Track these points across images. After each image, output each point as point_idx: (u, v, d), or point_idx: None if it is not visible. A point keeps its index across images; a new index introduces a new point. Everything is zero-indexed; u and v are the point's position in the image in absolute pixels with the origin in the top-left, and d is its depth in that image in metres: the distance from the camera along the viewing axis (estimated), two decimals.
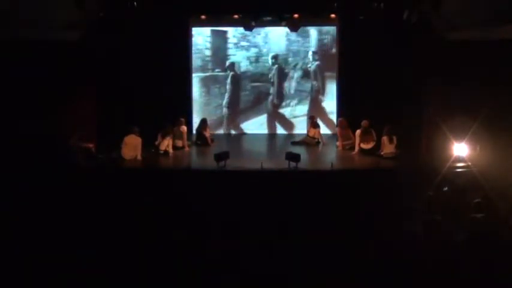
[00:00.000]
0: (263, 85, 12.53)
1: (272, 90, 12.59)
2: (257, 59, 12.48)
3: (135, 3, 9.28)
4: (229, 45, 12.46)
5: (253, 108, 12.55)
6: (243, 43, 12.40)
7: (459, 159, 8.87)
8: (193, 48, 12.39)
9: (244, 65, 12.51)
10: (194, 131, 11.68)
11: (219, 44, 12.45)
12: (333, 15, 11.33)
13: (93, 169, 9.04)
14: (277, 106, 12.64)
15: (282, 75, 12.53)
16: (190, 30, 12.40)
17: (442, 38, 9.26)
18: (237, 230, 5.83)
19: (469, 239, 5.31)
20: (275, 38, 12.32)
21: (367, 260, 5.02)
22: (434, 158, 9.17)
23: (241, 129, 12.68)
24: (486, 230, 5.37)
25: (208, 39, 12.39)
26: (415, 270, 4.82)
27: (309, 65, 12.52)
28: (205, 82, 12.57)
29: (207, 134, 11.31)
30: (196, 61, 12.47)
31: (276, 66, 12.49)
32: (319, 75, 12.51)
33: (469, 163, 8.64)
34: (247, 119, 12.62)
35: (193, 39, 12.31)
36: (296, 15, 10.68)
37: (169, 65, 11.80)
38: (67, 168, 8.58)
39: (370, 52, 11.12)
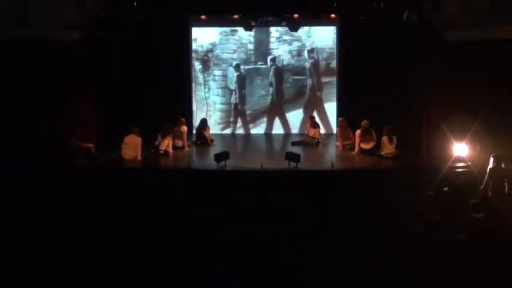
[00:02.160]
0: (305, 78, 12.62)
1: (271, 90, 12.62)
2: (299, 52, 12.55)
3: (135, 3, 9.28)
4: (272, 39, 12.53)
5: (294, 100, 12.71)
6: (286, 37, 12.44)
7: (459, 159, 8.87)
8: (237, 42, 12.53)
9: (286, 59, 12.57)
10: (194, 131, 11.70)
11: (262, 38, 12.52)
12: (333, 15, 11.34)
13: (93, 169, 9.04)
14: (275, 106, 12.68)
15: (279, 77, 12.57)
16: (190, 30, 12.41)
17: (442, 38, 9.26)
18: (237, 230, 5.83)
19: (469, 239, 5.31)
20: (319, 32, 12.37)
21: (367, 260, 5.02)
22: (434, 158, 9.18)
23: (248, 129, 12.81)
24: (486, 230, 5.37)
25: (252, 33, 12.40)
26: (415, 270, 4.82)
27: (305, 64, 12.54)
28: (248, 74, 12.69)
29: (207, 134, 11.31)
30: (240, 54, 12.61)
31: (274, 67, 12.52)
32: (315, 74, 12.53)
33: (469, 163, 8.65)
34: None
35: (237, 33, 12.36)
36: (296, 15, 10.68)
37: (169, 65, 11.81)
38: (67, 168, 8.58)
39: (370, 52, 11.14)
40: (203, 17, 11.42)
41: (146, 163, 9.50)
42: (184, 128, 10.68)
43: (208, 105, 12.74)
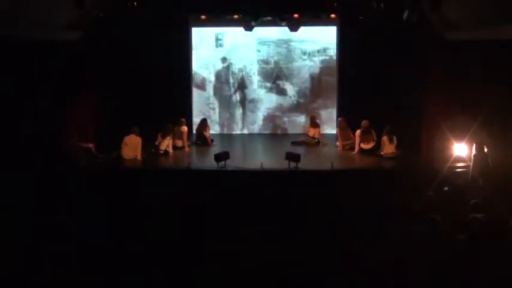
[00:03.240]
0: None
1: (274, 92, 12.68)
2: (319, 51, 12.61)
3: (135, 3, 9.27)
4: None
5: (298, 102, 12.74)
6: (307, 36, 12.43)
7: (459, 159, 8.87)
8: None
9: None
10: (194, 131, 11.70)
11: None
12: (333, 15, 11.33)
13: (93, 169, 9.03)
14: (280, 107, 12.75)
15: (281, 77, 12.58)
16: (190, 30, 12.41)
17: (442, 38, 9.26)
18: (237, 230, 5.82)
19: (469, 239, 5.31)
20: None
21: (367, 260, 5.02)
22: (434, 158, 9.18)
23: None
24: (486, 230, 5.37)
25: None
26: (415, 270, 4.82)
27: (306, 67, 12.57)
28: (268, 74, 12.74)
29: (207, 134, 11.31)
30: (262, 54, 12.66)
31: (277, 69, 12.55)
32: (314, 78, 12.54)
33: (469, 163, 8.65)
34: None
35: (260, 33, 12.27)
36: (296, 15, 10.68)
37: (169, 65, 11.81)
38: (67, 168, 8.58)
39: (370, 52, 11.13)
40: (203, 17, 11.41)
41: (146, 163, 9.50)
42: (185, 128, 10.68)
43: (232, 103, 12.79)
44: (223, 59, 12.61)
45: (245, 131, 12.75)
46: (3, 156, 8.37)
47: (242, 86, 12.66)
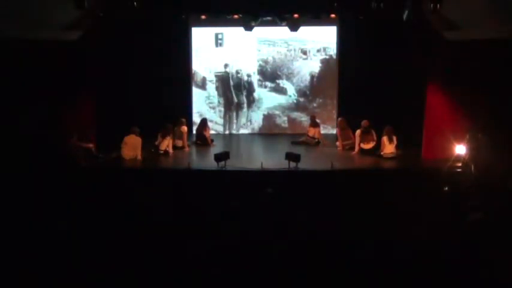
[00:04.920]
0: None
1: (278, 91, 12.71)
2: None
3: (135, 3, 9.27)
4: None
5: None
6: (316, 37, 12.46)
7: (459, 159, 8.88)
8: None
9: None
10: (194, 131, 11.71)
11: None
12: (333, 15, 11.33)
13: (93, 169, 9.03)
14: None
15: (281, 77, 12.61)
16: (190, 30, 12.41)
17: (442, 38, 9.26)
18: (237, 230, 5.83)
19: (470, 239, 5.31)
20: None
21: (367, 261, 5.02)
22: (435, 158, 9.18)
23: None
24: (486, 230, 5.38)
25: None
26: (415, 270, 4.82)
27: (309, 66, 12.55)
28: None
29: (207, 134, 11.32)
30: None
31: (277, 69, 12.58)
32: (314, 77, 12.54)
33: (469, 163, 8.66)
34: None
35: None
36: (296, 15, 10.68)
37: (169, 65, 11.81)
38: (67, 168, 8.58)
39: (370, 52, 11.14)
40: (203, 17, 11.41)
41: (146, 163, 9.50)
42: (184, 128, 10.68)
43: (232, 103, 12.79)
44: (223, 59, 12.60)
45: (245, 131, 12.76)
46: (3, 156, 8.36)
47: (242, 85, 12.67)
